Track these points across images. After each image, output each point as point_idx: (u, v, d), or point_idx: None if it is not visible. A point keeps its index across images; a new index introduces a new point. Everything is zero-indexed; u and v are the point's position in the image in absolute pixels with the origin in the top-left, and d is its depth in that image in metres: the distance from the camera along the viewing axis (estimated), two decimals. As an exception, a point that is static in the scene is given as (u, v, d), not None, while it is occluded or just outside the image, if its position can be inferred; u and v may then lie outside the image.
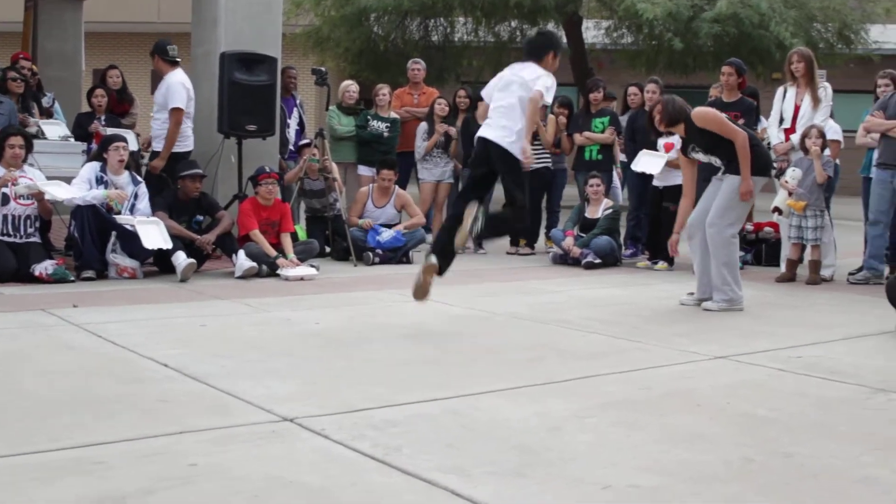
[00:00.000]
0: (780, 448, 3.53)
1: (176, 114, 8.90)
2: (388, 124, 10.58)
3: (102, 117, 9.82)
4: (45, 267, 7.46)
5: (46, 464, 3.19)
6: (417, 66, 11.61)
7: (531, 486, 3.08)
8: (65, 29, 14.63)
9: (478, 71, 20.50)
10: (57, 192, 7.67)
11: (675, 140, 7.52)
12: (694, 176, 7.14)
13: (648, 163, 9.29)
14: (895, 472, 3.28)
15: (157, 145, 9.06)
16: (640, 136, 9.67)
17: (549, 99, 6.18)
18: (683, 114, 6.91)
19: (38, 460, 3.22)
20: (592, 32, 20.09)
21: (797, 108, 8.63)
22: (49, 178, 8.02)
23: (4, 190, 7.61)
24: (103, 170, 7.99)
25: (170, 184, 8.70)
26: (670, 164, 8.89)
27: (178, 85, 8.96)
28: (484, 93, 6.33)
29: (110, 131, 9.12)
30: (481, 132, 6.13)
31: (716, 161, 6.94)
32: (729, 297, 6.81)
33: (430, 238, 10.38)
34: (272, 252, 8.25)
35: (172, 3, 22.24)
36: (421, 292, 5.83)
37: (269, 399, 4.06)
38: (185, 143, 9.14)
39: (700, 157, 6.99)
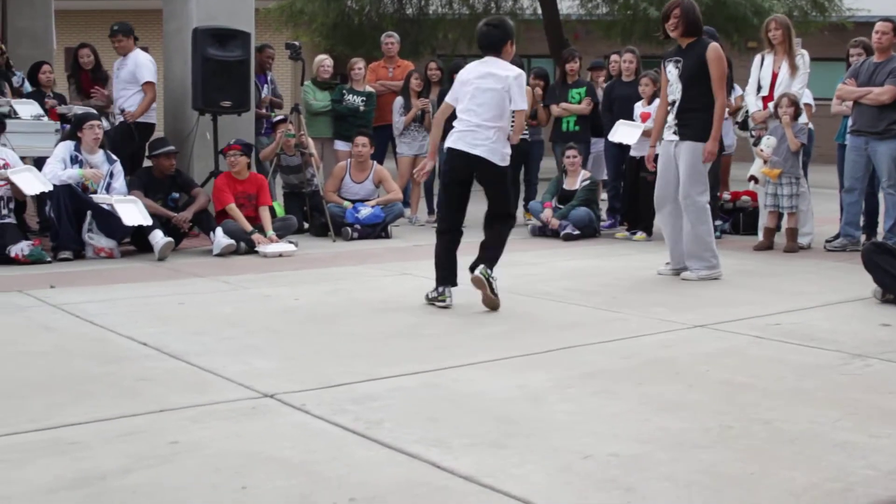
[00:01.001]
0: (759, 414, 3.57)
1: (150, 88, 9.35)
2: (364, 98, 10.53)
3: (51, 93, 9.76)
4: (20, 248, 7.39)
5: (24, 444, 3.18)
6: (391, 40, 11.56)
7: (512, 456, 3.10)
8: (34, 7, 14.42)
9: (453, 44, 20.44)
10: (26, 186, 7.58)
11: (652, 109, 7.51)
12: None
13: (625, 133, 9.30)
14: (872, 437, 3.32)
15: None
16: (618, 105, 9.66)
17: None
18: (701, 29, 6.90)
19: (16, 441, 3.21)
20: (567, 3, 20.05)
21: (775, 76, 8.62)
22: (22, 157, 7.95)
23: (-23, 171, 7.54)
24: (77, 149, 7.93)
25: (135, 136, 9.15)
26: (646, 134, 8.90)
27: (147, 61, 9.45)
28: (449, 97, 6.02)
29: (77, 108, 9.15)
30: (461, 146, 5.87)
31: (678, 92, 6.86)
32: (710, 263, 6.84)
33: (408, 212, 10.38)
34: (248, 227, 8.22)
35: (142, -23, 22.00)
36: (491, 304, 5.66)
37: (248, 375, 4.06)
38: (151, 117, 9.61)
39: (671, 74, 6.92)
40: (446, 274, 5.85)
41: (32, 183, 7.62)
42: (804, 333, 5.00)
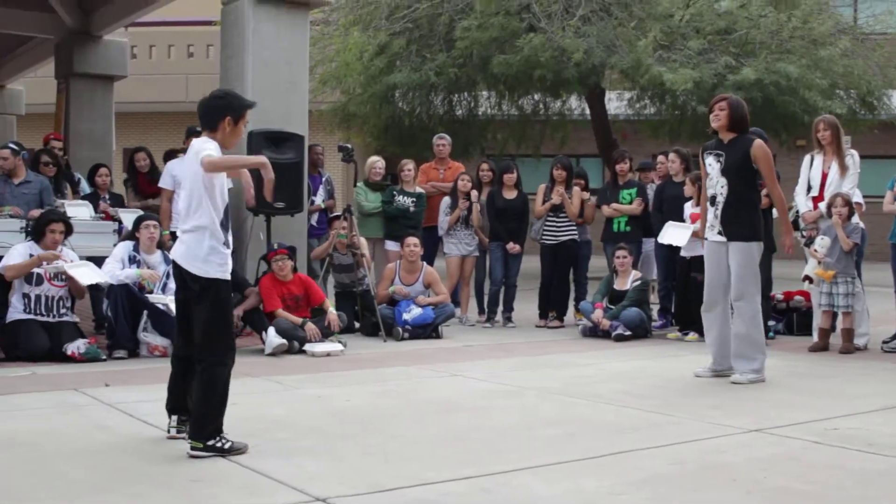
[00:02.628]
0: (819, 523, 3.49)
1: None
2: (414, 199, 10.65)
3: (106, 195, 9.99)
4: (77, 346, 7.53)
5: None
6: (443, 142, 11.71)
7: (566, 565, 3.05)
8: (95, 109, 14.92)
9: (502, 144, 20.66)
10: (82, 277, 7.74)
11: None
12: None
13: (675, 234, 9.28)
14: (938, 548, 3.22)
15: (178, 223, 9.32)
16: (668, 205, 9.66)
17: (207, 151, 4.62)
18: (747, 125, 6.92)
19: (72, 544, 3.23)
20: (615, 104, 20.22)
21: (825, 176, 8.61)
22: (82, 258, 8.12)
23: (38, 270, 7.71)
24: (136, 249, 8.09)
25: None
26: (696, 235, 8.88)
27: None
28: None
29: (121, 211, 9.35)
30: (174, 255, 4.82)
31: (720, 188, 6.86)
32: (758, 365, 6.76)
33: (458, 312, 10.39)
34: (298, 320, 8.30)
35: (200, 82, 22.61)
36: None
37: (300, 478, 4.06)
38: None
39: (712, 168, 6.92)
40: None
41: (88, 275, 7.77)
42: (864, 438, 4.90)
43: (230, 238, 4.82)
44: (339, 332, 8.54)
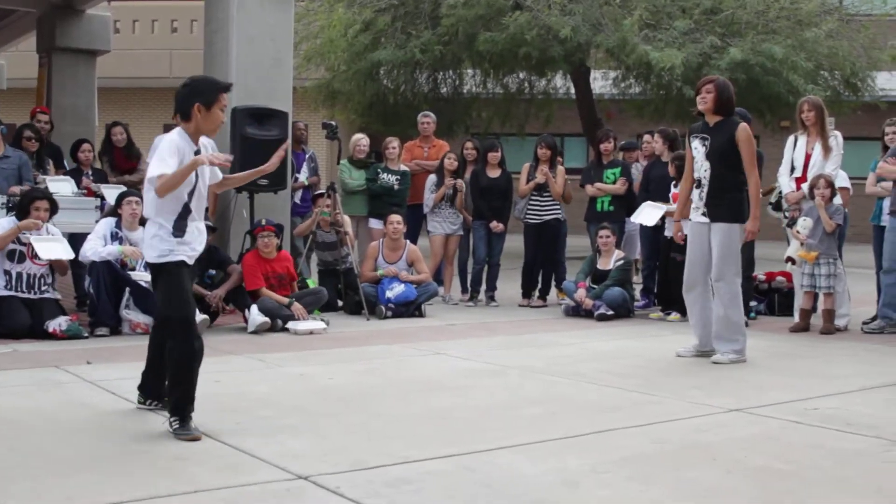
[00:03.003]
0: (799, 501, 3.52)
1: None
2: (399, 177, 10.62)
3: (89, 171, 9.93)
4: (58, 323, 7.50)
5: (62, 524, 3.19)
6: (428, 119, 11.67)
7: (548, 544, 3.07)
8: (78, 84, 14.82)
9: (486, 122, 20.65)
10: (45, 252, 7.63)
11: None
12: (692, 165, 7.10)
13: (647, 214, 9.33)
14: (915, 527, 3.26)
15: None
16: (655, 185, 9.67)
17: (156, 172, 4.55)
18: (733, 107, 6.92)
19: (54, 521, 3.23)
20: (600, 83, 20.23)
21: (808, 157, 8.62)
22: (64, 234, 8.07)
23: (20, 248, 7.67)
24: (118, 225, 8.05)
25: None
26: (669, 215, 8.92)
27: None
28: None
29: (104, 187, 9.32)
30: None
31: (704, 171, 6.88)
32: (739, 346, 6.80)
33: (441, 291, 10.40)
34: (284, 300, 8.31)
35: (184, 58, 22.50)
36: None
37: (283, 456, 4.06)
38: None
39: (697, 151, 6.93)
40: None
41: (52, 249, 7.68)
42: (843, 419, 4.94)
43: (193, 225, 4.78)
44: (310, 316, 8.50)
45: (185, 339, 4.59)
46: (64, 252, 7.75)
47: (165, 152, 4.59)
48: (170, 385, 4.66)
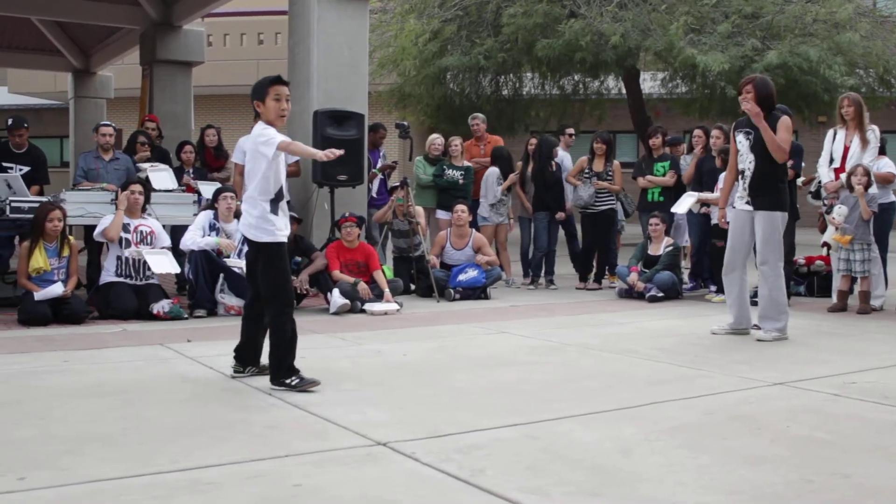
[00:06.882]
0: (839, 469, 3.45)
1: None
2: (462, 172, 10.63)
3: (191, 170, 10.09)
4: (162, 306, 7.64)
5: (166, 483, 3.24)
6: (477, 121, 11.61)
7: (606, 504, 3.05)
8: (176, 92, 15.10)
9: (544, 121, 20.56)
10: (157, 265, 7.82)
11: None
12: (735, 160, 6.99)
13: (682, 203, 9.25)
14: (950, 492, 3.18)
15: None
16: (707, 178, 9.52)
17: (270, 147, 4.82)
18: (773, 101, 6.78)
19: (159, 480, 3.28)
20: (649, 83, 20.03)
21: (846, 149, 8.47)
22: (165, 227, 8.22)
23: (126, 236, 7.83)
24: (215, 217, 8.18)
25: None
26: (713, 203, 8.79)
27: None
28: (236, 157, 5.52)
29: (201, 183, 9.45)
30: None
31: (748, 163, 6.77)
32: (782, 324, 6.68)
33: (504, 275, 10.38)
34: (351, 279, 8.35)
35: (270, 67, 22.60)
36: None
37: (363, 424, 4.09)
38: None
39: (742, 144, 6.82)
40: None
41: (162, 263, 7.86)
42: (879, 392, 4.83)
43: (285, 207, 5.03)
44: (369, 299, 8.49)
45: (290, 313, 4.94)
46: (171, 266, 7.91)
47: (270, 132, 4.88)
48: (280, 353, 4.91)
